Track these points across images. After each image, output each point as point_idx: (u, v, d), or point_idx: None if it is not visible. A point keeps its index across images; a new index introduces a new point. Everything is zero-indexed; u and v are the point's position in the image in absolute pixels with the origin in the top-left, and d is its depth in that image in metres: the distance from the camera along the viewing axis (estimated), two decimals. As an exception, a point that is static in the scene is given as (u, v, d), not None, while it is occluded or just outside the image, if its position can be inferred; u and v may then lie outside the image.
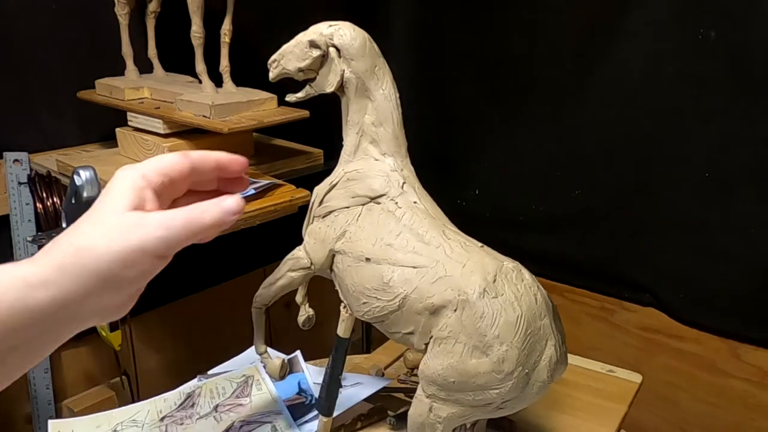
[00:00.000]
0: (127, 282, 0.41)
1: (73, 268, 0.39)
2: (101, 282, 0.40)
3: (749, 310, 0.89)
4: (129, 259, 0.40)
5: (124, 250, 0.40)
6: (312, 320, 0.71)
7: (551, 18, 0.96)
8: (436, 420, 0.54)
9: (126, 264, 0.40)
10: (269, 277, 0.65)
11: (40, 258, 0.40)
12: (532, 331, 0.51)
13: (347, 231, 0.57)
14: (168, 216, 0.42)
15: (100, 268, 0.39)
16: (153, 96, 1.01)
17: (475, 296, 0.51)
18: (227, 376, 0.82)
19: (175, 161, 0.47)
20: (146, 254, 0.41)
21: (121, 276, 0.40)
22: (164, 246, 0.41)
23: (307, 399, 0.78)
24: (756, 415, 0.92)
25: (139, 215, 0.42)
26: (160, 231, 0.41)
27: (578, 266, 1.04)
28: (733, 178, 0.85)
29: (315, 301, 0.72)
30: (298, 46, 0.58)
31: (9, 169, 1.00)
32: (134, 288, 0.42)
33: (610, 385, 0.53)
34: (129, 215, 0.42)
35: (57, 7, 1.01)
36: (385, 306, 0.55)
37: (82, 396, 1.11)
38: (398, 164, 0.59)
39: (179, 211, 0.43)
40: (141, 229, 0.41)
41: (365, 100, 0.58)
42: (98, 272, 0.39)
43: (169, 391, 0.79)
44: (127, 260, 0.40)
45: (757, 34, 0.79)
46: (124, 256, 0.40)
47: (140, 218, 0.42)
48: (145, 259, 0.41)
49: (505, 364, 0.50)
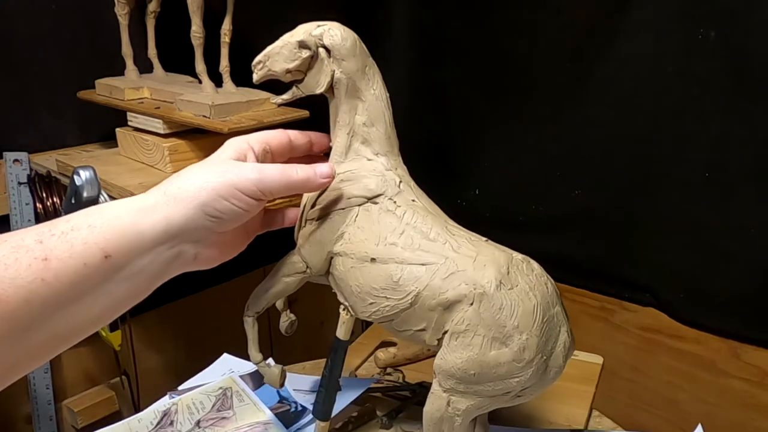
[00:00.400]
0: (219, 213, 0.47)
1: (177, 193, 0.46)
2: (199, 208, 0.46)
3: (749, 310, 0.89)
4: (222, 191, 0.46)
5: (219, 183, 0.46)
6: (294, 325, 0.71)
7: (551, 18, 0.96)
8: (455, 413, 0.55)
9: (220, 194, 0.46)
10: (261, 284, 0.64)
11: (153, 190, 0.47)
12: (547, 318, 0.53)
13: (345, 232, 0.57)
14: (263, 165, 0.50)
15: (199, 196, 0.45)
16: (153, 96, 1.01)
17: (492, 289, 0.52)
18: (202, 390, 0.80)
19: (276, 134, 0.55)
20: (238, 189, 0.47)
21: (214, 206, 0.46)
22: (254, 186, 0.48)
23: (291, 407, 0.78)
24: (756, 415, 0.92)
25: (240, 162, 0.49)
26: (253, 173, 0.48)
27: (578, 266, 1.04)
28: (733, 178, 0.85)
29: (315, 301, 0.72)
30: (285, 47, 0.57)
31: (9, 169, 1.00)
32: (227, 226, 0.48)
33: (574, 369, 0.56)
34: (230, 161, 0.49)
35: (57, 7, 1.02)
36: (396, 305, 0.55)
37: (82, 396, 1.11)
38: (392, 163, 0.58)
39: (275, 165, 0.50)
40: (237, 168, 0.48)
41: (356, 101, 0.57)
42: (197, 200, 0.46)
43: (142, 411, 0.77)
44: (221, 191, 0.46)
45: (757, 34, 0.79)
46: (218, 187, 0.46)
47: (239, 163, 0.49)
48: (236, 194, 0.47)
49: (526, 352, 0.52)
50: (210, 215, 0.46)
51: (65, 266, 0.40)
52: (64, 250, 0.41)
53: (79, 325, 0.43)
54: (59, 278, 0.40)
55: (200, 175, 0.47)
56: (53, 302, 0.40)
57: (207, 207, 0.46)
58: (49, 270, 0.40)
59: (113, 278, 0.43)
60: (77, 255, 0.41)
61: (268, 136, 0.55)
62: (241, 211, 0.48)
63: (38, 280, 0.39)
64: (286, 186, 0.50)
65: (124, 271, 0.44)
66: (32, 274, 0.39)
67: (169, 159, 0.94)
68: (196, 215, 0.45)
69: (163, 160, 0.94)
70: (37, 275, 0.39)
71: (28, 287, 0.39)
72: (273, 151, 0.55)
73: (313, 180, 0.52)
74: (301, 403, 0.78)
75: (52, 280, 0.40)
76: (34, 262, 0.40)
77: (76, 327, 0.43)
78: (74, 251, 0.41)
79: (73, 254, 0.41)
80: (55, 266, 0.40)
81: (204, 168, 0.48)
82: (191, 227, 0.46)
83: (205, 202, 0.46)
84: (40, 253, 0.40)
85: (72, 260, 0.41)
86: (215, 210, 0.46)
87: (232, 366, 0.87)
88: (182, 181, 0.46)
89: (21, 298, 0.39)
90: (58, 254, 0.40)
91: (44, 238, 0.41)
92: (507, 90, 1.05)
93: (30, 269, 0.39)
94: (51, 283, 0.40)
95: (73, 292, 0.41)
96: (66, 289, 0.41)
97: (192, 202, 0.45)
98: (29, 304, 0.39)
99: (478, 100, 1.08)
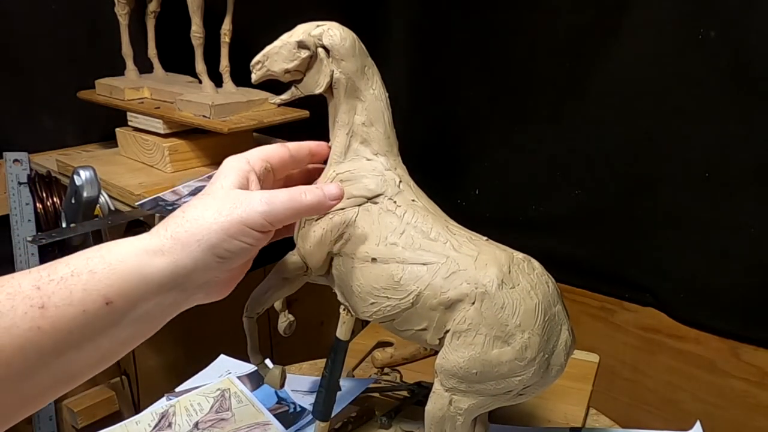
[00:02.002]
0: (229, 254, 0.45)
1: (185, 237, 0.43)
2: (208, 251, 0.44)
3: (749, 310, 0.89)
4: (232, 230, 0.44)
5: (228, 221, 0.44)
6: (293, 326, 0.70)
7: (551, 18, 0.96)
8: (457, 412, 0.55)
9: (229, 234, 0.44)
10: (261, 284, 0.64)
11: (157, 230, 0.44)
12: (549, 317, 0.53)
13: (345, 233, 0.57)
14: (271, 193, 0.47)
15: (208, 238, 0.43)
16: (153, 96, 1.01)
17: (494, 288, 0.52)
18: (200, 391, 0.80)
19: (275, 149, 0.53)
20: (247, 226, 0.45)
21: (224, 247, 0.44)
22: (264, 220, 0.45)
23: (290, 407, 0.78)
24: (756, 415, 0.92)
25: (245, 192, 0.47)
26: (262, 206, 0.45)
27: (578, 266, 1.04)
28: (733, 178, 0.85)
29: (315, 301, 0.71)
30: (284, 47, 0.57)
31: (9, 169, 1.00)
32: (236, 263, 0.46)
33: (571, 367, 0.56)
34: (235, 192, 0.47)
35: (57, 7, 1.02)
36: (397, 304, 0.55)
37: (82, 396, 1.11)
38: (391, 163, 0.58)
39: (283, 191, 0.48)
40: (244, 203, 0.45)
41: (355, 101, 0.57)
42: (207, 242, 0.44)
43: (139, 413, 0.77)
44: (230, 231, 0.44)
45: (757, 34, 0.79)
46: (227, 227, 0.44)
47: (245, 194, 0.47)
48: (246, 231, 0.45)
49: (528, 351, 0.52)
50: (219, 256, 0.44)
51: (62, 314, 0.39)
52: (63, 297, 0.39)
53: (80, 369, 0.42)
54: (56, 326, 0.38)
55: (207, 213, 0.44)
56: (51, 350, 0.39)
57: (216, 249, 0.44)
58: (46, 318, 0.38)
59: (116, 324, 0.41)
60: (76, 302, 0.39)
61: (268, 152, 0.53)
62: (251, 246, 0.46)
63: (35, 328, 0.38)
64: (296, 214, 0.48)
65: (128, 317, 0.42)
66: (28, 323, 0.38)
67: (169, 159, 0.94)
68: (205, 258, 0.44)
69: (163, 160, 0.94)
70: (33, 323, 0.38)
71: (24, 336, 0.37)
72: (274, 168, 0.53)
73: (323, 203, 0.49)
74: (300, 403, 0.78)
75: (48, 328, 0.38)
76: (30, 309, 0.38)
77: (77, 372, 0.42)
78: (73, 298, 0.39)
79: (72, 302, 0.39)
80: (53, 314, 0.39)
81: (209, 204, 0.45)
82: (200, 270, 0.44)
83: (215, 244, 0.44)
84: (36, 301, 0.38)
85: (71, 308, 0.39)
86: (225, 251, 0.44)
87: (230, 367, 0.87)
88: (188, 222, 0.44)
89: (16, 347, 0.37)
90: (56, 301, 0.39)
91: (42, 284, 0.39)
92: (507, 90, 1.05)
93: (26, 317, 0.38)
94: (47, 331, 0.38)
95: (72, 339, 0.40)
96: (64, 336, 0.39)
97: (200, 246, 0.43)
98: (25, 353, 0.38)
99: (478, 100, 1.08)
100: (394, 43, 1.15)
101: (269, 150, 0.53)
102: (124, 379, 1.13)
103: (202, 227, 0.44)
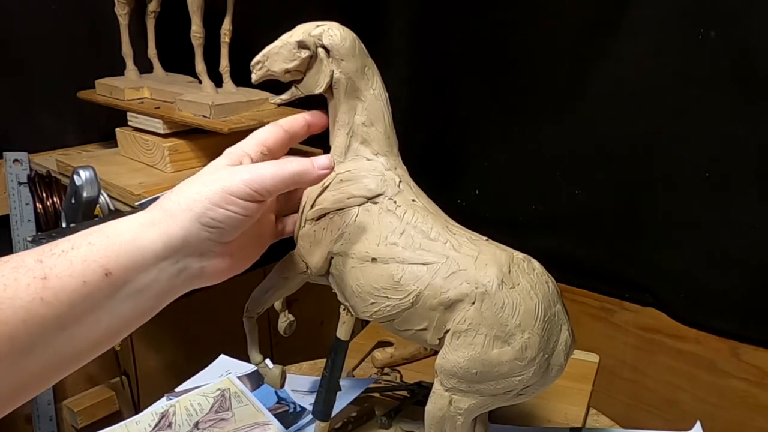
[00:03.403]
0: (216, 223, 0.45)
1: (173, 207, 0.45)
2: (195, 220, 0.45)
3: (749, 310, 0.89)
4: (215, 199, 0.45)
5: (211, 191, 0.45)
6: (293, 326, 0.70)
7: (551, 18, 0.96)
8: (457, 412, 0.55)
9: (213, 202, 0.45)
10: (261, 284, 0.64)
11: (152, 205, 0.46)
12: (549, 317, 0.53)
13: (345, 232, 0.57)
14: (256, 164, 0.48)
15: (193, 208, 0.45)
16: (153, 96, 1.01)
17: (494, 288, 0.52)
18: (200, 391, 0.80)
19: (269, 131, 0.54)
20: (230, 194, 0.45)
21: (209, 216, 0.45)
22: (246, 187, 0.46)
23: (290, 407, 0.77)
24: (756, 415, 0.92)
25: (232, 167, 0.48)
26: (244, 174, 0.46)
27: (578, 266, 1.04)
28: (733, 178, 0.85)
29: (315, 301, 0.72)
30: (284, 47, 0.57)
31: (9, 169, 1.00)
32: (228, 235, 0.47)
33: (571, 367, 0.56)
34: (224, 168, 0.48)
35: (57, 7, 1.02)
36: (397, 304, 0.55)
37: (82, 396, 1.11)
38: (391, 163, 0.58)
39: (268, 162, 0.49)
40: (228, 174, 0.47)
41: (355, 101, 0.57)
42: (192, 212, 0.45)
43: (139, 413, 0.77)
44: (214, 199, 0.45)
45: (758, 34, 0.79)
46: (210, 195, 0.45)
47: (231, 167, 0.48)
48: (230, 199, 0.45)
49: (528, 351, 0.52)
50: (207, 225, 0.45)
51: (64, 285, 0.39)
52: (64, 268, 0.40)
53: (83, 346, 0.42)
54: (58, 297, 0.39)
55: (193, 186, 0.46)
56: (53, 322, 0.39)
57: (203, 218, 0.45)
58: (48, 289, 0.39)
59: (115, 296, 0.42)
60: (77, 273, 0.40)
61: (263, 135, 0.53)
62: (240, 216, 0.46)
63: (37, 299, 0.38)
64: (281, 181, 0.47)
65: (126, 289, 0.43)
66: (31, 294, 0.38)
67: (169, 159, 0.94)
68: (193, 228, 0.45)
69: (163, 160, 0.94)
70: (36, 294, 0.38)
71: (27, 307, 0.38)
72: (271, 150, 0.53)
73: (310, 171, 0.49)
74: (300, 403, 0.78)
75: (51, 299, 0.39)
76: (32, 281, 0.39)
77: (79, 349, 0.42)
78: (74, 269, 0.40)
79: (72, 272, 0.40)
80: (54, 285, 0.39)
81: (197, 179, 0.47)
82: (192, 241, 0.45)
83: (200, 213, 0.45)
84: (39, 272, 0.39)
85: (71, 279, 0.40)
86: (212, 220, 0.45)
87: (230, 367, 0.87)
88: (177, 194, 0.46)
89: (19, 319, 0.38)
90: (58, 272, 0.40)
91: (44, 257, 0.40)
92: (507, 90, 1.05)
93: (29, 289, 0.38)
94: (50, 302, 0.39)
95: (74, 311, 0.40)
96: (66, 308, 0.40)
97: (187, 215, 0.45)
98: (28, 325, 0.38)
99: (478, 100, 1.08)
100: (394, 43, 1.15)
101: (263, 133, 0.53)
102: (124, 379, 1.13)
103: (188, 197, 0.45)
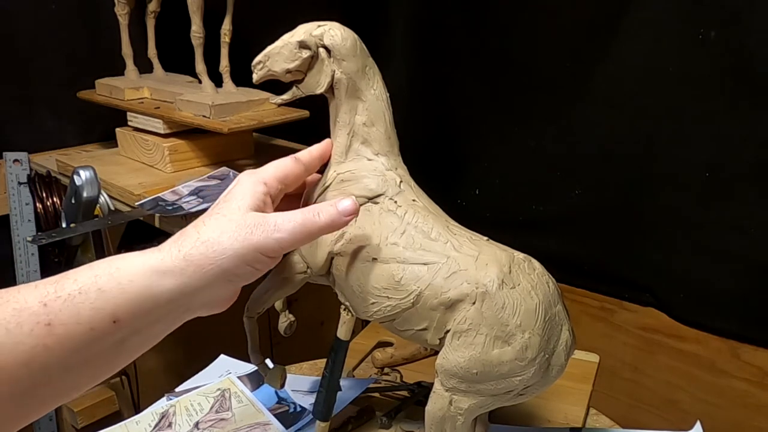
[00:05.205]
0: (239, 277, 0.45)
1: (200, 259, 0.43)
2: (220, 275, 0.43)
3: (749, 310, 0.89)
4: (248, 257, 0.44)
5: (244, 248, 0.44)
6: (293, 326, 0.70)
7: (551, 18, 0.96)
8: (457, 412, 0.55)
9: (244, 260, 0.44)
10: (261, 284, 0.64)
11: (168, 248, 0.43)
12: (549, 317, 0.53)
13: (346, 232, 0.57)
14: (286, 218, 0.46)
15: (222, 263, 0.43)
16: (153, 96, 1.01)
17: (495, 288, 0.52)
18: (200, 391, 0.80)
19: (291, 168, 0.52)
20: (261, 253, 0.45)
21: (236, 272, 0.44)
22: (279, 247, 0.46)
23: (290, 407, 0.77)
24: (756, 415, 0.92)
25: (261, 216, 0.46)
26: (278, 233, 0.45)
27: (578, 266, 1.04)
28: (733, 178, 0.85)
29: (315, 301, 0.71)
30: (285, 47, 0.57)
31: (9, 169, 1.00)
32: (242, 283, 0.46)
33: (571, 367, 0.56)
34: (251, 215, 0.46)
35: (57, 7, 1.02)
36: (397, 304, 0.55)
37: (82, 396, 1.11)
38: (392, 163, 0.59)
39: (296, 214, 0.47)
40: (260, 228, 0.45)
41: (356, 101, 0.57)
42: (220, 266, 0.43)
43: (139, 413, 0.77)
44: (246, 257, 0.44)
45: (757, 34, 0.79)
46: (243, 253, 0.44)
47: (262, 219, 0.46)
48: (259, 258, 0.45)
49: (528, 351, 0.52)
50: (229, 280, 0.44)
51: (70, 332, 0.38)
52: (70, 315, 0.38)
53: (86, 381, 0.42)
54: (63, 344, 0.38)
55: (223, 237, 0.44)
56: (56, 367, 0.38)
57: (228, 273, 0.44)
58: (53, 336, 0.38)
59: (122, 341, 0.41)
60: (84, 320, 0.39)
61: (283, 171, 0.52)
62: (260, 270, 0.46)
63: (41, 345, 0.37)
64: (309, 236, 0.47)
65: (134, 334, 0.42)
66: (34, 340, 0.37)
67: (169, 159, 0.94)
68: (216, 281, 0.43)
69: (163, 160, 0.94)
70: (40, 341, 0.37)
71: (30, 353, 0.37)
72: (289, 185, 0.53)
73: (338, 221, 0.49)
74: (300, 403, 0.78)
75: (55, 345, 0.38)
76: (36, 327, 0.37)
77: (82, 383, 0.42)
78: (81, 317, 0.39)
79: (80, 320, 0.39)
80: (60, 332, 0.38)
81: (225, 227, 0.44)
82: (206, 291, 0.44)
83: (228, 269, 0.43)
84: (43, 318, 0.38)
85: (79, 326, 0.39)
86: (236, 276, 0.44)
87: (230, 367, 0.87)
88: (204, 245, 0.43)
89: (22, 364, 0.37)
90: (63, 319, 0.38)
91: (48, 301, 0.38)
92: (507, 90, 1.05)
93: (32, 335, 0.37)
94: (54, 348, 0.38)
95: (79, 355, 0.39)
96: (69, 354, 0.39)
97: (213, 270, 0.43)
98: (30, 369, 0.37)
99: (478, 100, 1.08)
100: (395, 43, 1.15)
101: (284, 169, 0.52)
102: (124, 379, 1.13)
103: (217, 251, 0.43)
